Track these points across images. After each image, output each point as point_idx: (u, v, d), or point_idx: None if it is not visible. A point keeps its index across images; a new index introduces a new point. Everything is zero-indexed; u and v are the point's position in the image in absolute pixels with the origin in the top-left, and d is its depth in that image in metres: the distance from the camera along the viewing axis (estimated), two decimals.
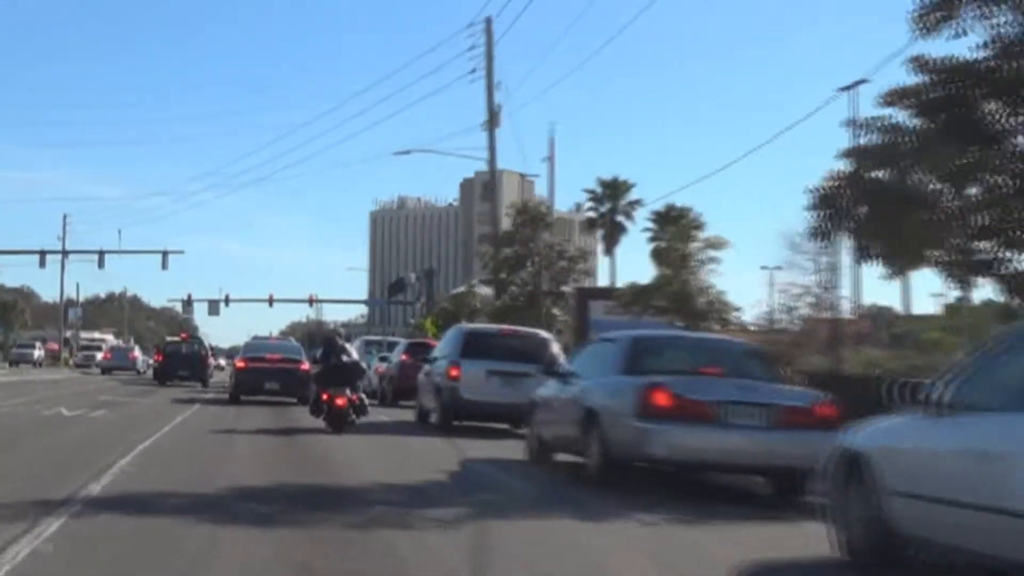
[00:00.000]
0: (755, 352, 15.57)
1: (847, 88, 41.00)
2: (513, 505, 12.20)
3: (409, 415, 27.64)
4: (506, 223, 52.29)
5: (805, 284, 32.27)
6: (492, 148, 51.52)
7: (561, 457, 15.84)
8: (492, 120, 50.64)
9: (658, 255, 34.89)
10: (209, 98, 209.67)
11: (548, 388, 16.66)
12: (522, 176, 58.87)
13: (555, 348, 23.23)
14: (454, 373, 22.63)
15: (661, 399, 13.00)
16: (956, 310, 34.05)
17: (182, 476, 13.23)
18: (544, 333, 23.96)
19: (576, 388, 15.10)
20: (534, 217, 48.18)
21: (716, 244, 34.32)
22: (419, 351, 32.64)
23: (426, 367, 25.59)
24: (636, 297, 34.12)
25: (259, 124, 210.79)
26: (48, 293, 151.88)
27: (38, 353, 78.79)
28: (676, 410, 12.91)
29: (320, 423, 20.74)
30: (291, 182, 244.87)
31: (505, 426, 23.61)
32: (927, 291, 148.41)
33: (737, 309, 34.25)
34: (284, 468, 14.73)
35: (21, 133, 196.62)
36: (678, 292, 33.07)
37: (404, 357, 33.41)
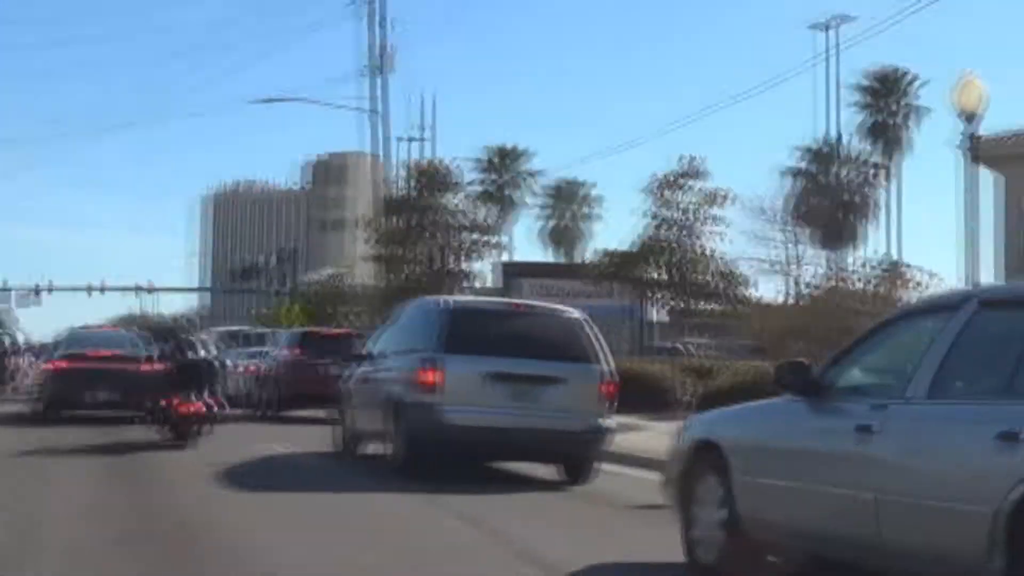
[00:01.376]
0: None
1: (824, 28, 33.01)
2: None
3: (314, 439, 18.17)
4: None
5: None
6: (384, 97, 42.02)
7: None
8: (383, 59, 40.99)
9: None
10: None
11: (770, 417, 7.64)
12: (408, 140, 49.08)
13: (591, 332, 13.96)
14: (432, 378, 13.09)
15: None
16: None
17: None
18: (574, 311, 14.52)
19: (863, 428, 6.22)
20: (433, 178, 38.38)
21: (717, 198, 25.51)
22: (315, 344, 25.65)
23: (359, 370, 16.08)
24: (618, 268, 25.04)
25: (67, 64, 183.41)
26: None
27: None
28: None
29: (155, 436, 17.47)
30: (100, 156, 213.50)
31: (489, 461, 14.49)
32: None
33: (750, 283, 25.70)
34: None
35: None
36: (677, 261, 24.15)
37: (296, 352, 25.16)
